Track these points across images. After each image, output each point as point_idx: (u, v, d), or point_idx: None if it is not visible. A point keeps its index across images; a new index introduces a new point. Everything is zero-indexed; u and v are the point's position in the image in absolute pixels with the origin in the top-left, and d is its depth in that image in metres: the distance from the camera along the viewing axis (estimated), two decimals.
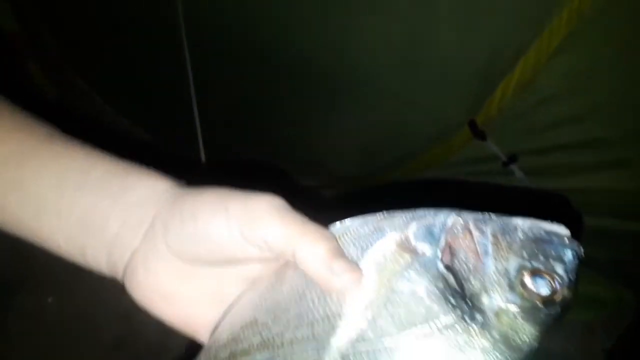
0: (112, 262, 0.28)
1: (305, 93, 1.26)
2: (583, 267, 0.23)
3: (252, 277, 0.28)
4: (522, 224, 0.24)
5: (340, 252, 0.24)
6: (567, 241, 0.23)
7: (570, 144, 1.12)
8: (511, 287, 0.22)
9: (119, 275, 0.28)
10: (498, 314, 0.22)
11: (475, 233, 0.23)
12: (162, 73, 1.42)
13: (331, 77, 1.18)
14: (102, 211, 0.28)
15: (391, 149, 1.31)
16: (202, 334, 0.29)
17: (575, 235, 0.24)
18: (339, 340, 0.22)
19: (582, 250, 0.24)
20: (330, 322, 0.23)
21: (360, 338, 0.22)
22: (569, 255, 0.23)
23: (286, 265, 0.26)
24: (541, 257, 0.23)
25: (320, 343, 0.23)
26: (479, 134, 1.16)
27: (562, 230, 0.24)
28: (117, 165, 0.30)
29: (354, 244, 0.24)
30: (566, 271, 0.23)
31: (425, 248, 0.23)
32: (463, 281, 0.22)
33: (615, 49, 0.99)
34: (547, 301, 0.22)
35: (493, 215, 0.24)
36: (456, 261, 0.23)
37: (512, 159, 1.18)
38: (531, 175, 1.19)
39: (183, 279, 0.27)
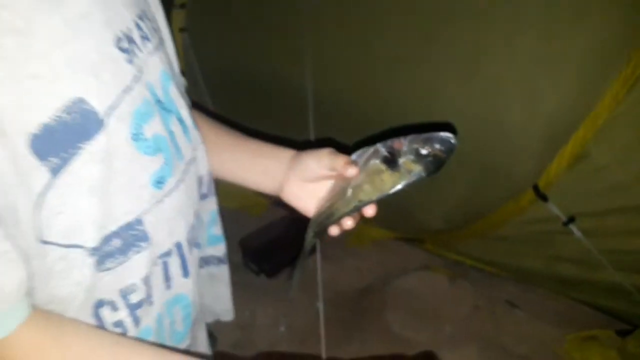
0: (275, 188, 0.61)
1: None
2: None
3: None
4: (425, 134, 0.51)
5: (349, 161, 0.55)
6: (444, 137, 0.50)
7: (622, 208, 1.27)
8: (411, 152, 0.51)
9: (278, 192, 0.61)
10: (405, 162, 0.51)
11: (404, 140, 0.52)
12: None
13: None
14: (267, 166, 0.62)
15: (468, 208, 1.53)
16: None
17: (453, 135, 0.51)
18: (348, 193, 0.54)
19: (454, 139, 0.50)
20: (345, 188, 0.55)
21: (353, 190, 0.53)
22: (445, 142, 0.50)
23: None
24: (428, 143, 0.50)
25: (340, 198, 0.55)
26: (541, 196, 1.36)
27: (445, 133, 0.51)
28: (278, 148, 0.63)
29: (359, 157, 0.55)
30: (439, 146, 0.50)
31: (382, 149, 0.53)
32: (394, 156, 0.52)
33: None
34: (425, 155, 0.50)
35: (421, 134, 0.52)
36: (393, 150, 0.52)
37: (571, 219, 1.35)
38: (589, 235, 1.34)
39: (302, 188, 0.60)
